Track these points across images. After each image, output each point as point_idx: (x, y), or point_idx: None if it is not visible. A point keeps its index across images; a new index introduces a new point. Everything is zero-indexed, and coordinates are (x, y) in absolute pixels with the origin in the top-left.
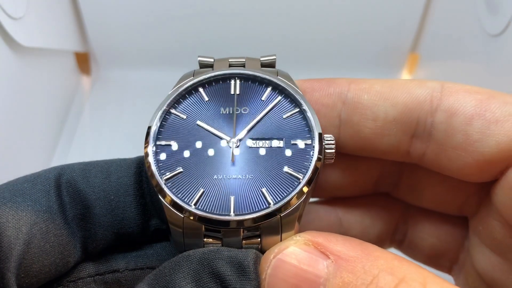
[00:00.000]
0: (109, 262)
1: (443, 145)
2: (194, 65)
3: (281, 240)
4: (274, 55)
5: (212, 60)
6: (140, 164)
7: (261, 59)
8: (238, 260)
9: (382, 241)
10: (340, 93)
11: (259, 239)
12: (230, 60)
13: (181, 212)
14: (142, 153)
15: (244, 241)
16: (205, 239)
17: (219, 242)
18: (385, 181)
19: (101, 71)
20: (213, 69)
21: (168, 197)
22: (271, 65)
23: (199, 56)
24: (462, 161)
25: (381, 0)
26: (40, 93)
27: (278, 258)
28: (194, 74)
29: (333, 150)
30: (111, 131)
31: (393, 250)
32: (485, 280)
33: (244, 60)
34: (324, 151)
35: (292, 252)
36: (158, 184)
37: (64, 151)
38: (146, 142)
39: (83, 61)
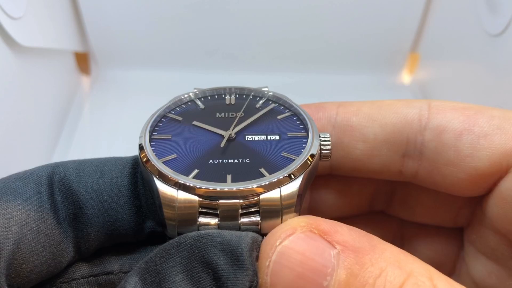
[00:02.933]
0: (103, 264)
1: (435, 162)
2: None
3: (281, 222)
4: (266, 86)
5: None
6: (136, 164)
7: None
8: (231, 247)
9: None
10: (329, 117)
11: (258, 220)
12: None
13: (175, 186)
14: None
15: (242, 219)
16: (199, 220)
17: (216, 226)
18: (379, 200)
19: (101, 71)
20: None
21: (162, 173)
22: None
23: (194, 88)
24: (455, 176)
25: (381, 0)
26: (39, 93)
27: (284, 245)
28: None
29: (329, 146)
30: (110, 131)
31: None
32: None
33: None
34: (320, 147)
35: (298, 238)
36: (152, 164)
37: (64, 151)
38: (141, 136)
39: (83, 61)
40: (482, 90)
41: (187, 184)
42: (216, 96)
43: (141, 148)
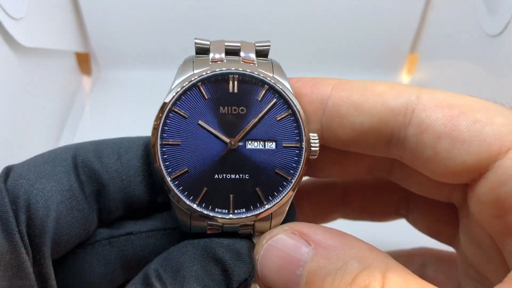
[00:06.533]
0: (123, 228)
1: (415, 156)
2: None
3: (270, 228)
4: (269, 41)
5: (208, 43)
6: (148, 147)
7: (256, 45)
8: (236, 248)
9: (386, 215)
10: (321, 100)
11: (253, 226)
12: (225, 43)
13: (188, 209)
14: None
15: (240, 227)
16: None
17: (220, 228)
18: (377, 169)
19: (101, 71)
20: (209, 53)
21: (176, 195)
22: (265, 52)
23: (195, 39)
24: (433, 170)
25: (381, 1)
26: (40, 93)
27: (268, 243)
28: (193, 61)
29: (317, 148)
30: (111, 131)
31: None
32: (471, 263)
33: (239, 44)
34: (309, 149)
35: (280, 238)
36: (166, 184)
37: None
38: (153, 137)
39: (84, 61)
40: (481, 91)
41: (198, 213)
42: (219, 79)
43: (154, 159)
